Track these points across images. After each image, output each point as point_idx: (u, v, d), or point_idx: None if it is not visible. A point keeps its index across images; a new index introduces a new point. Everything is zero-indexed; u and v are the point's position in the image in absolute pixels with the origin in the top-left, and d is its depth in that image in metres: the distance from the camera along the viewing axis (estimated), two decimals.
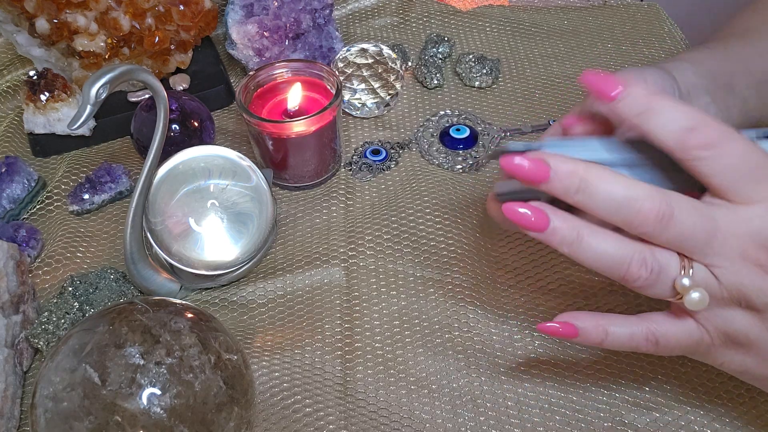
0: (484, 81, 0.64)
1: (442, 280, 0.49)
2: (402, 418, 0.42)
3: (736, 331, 0.33)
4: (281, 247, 0.52)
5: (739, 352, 0.34)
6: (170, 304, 0.39)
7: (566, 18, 0.72)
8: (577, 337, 0.35)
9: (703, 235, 0.31)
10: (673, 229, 0.31)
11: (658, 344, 0.35)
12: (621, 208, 0.31)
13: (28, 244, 0.51)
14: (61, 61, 0.61)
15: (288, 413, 0.42)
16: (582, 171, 0.31)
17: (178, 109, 0.55)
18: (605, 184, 0.31)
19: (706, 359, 0.36)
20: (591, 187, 0.31)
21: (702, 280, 0.32)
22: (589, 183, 0.31)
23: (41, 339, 0.44)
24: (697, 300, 0.32)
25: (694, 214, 0.31)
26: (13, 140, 0.62)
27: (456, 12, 0.73)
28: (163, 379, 0.34)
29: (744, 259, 0.31)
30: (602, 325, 0.35)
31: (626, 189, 0.31)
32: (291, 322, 0.48)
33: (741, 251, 0.31)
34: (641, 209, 0.31)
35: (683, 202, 0.31)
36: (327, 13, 0.64)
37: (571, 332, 0.35)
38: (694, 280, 0.32)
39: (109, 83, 0.41)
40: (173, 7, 0.59)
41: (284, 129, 0.52)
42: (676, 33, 0.70)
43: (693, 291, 0.32)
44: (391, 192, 0.56)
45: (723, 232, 0.31)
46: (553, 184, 0.32)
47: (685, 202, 0.31)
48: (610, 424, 0.41)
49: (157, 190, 0.47)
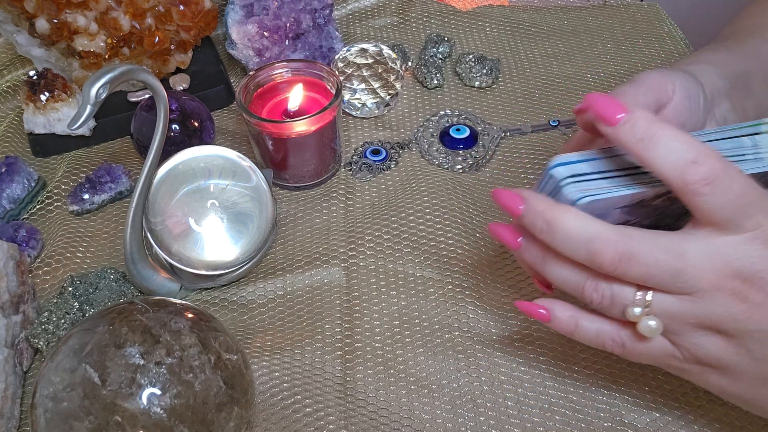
0: (484, 81, 0.64)
1: (442, 280, 0.49)
2: (402, 418, 0.42)
3: (708, 355, 0.33)
4: (281, 247, 0.52)
5: (714, 373, 0.34)
6: (170, 304, 0.39)
7: (566, 18, 0.72)
8: (549, 322, 0.37)
9: (668, 274, 0.31)
10: (634, 269, 0.32)
11: (624, 348, 0.35)
12: (580, 248, 0.32)
13: (28, 244, 0.51)
14: (61, 61, 0.61)
15: (288, 413, 0.42)
16: (548, 213, 0.33)
17: (178, 109, 0.55)
18: (566, 224, 0.32)
19: (682, 376, 0.36)
20: (553, 228, 0.33)
21: (664, 306, 0.32)
22: (552, 223, 0.33)
23: (41, 339, 0.44)
24: (652, 328, 0.33)
25: (658, 251, 0.31)
26: (13, 140, 0.62)
27: (456, 12, 0.73)
28: (163, 379, 0.34)
29: (717, 289, 0.31)
30: (575, 318, 0.36)
31: (584, 230, 0.32)
32: (291, 322, 0.48)
33: (714, 282, 0.31)
34: (598, 250, 0.32)
35: (647, 242, 0.31)
36: (327, 13, 0.64)
37: (545, 317, 0.36)
38: (651, 308, 0.32)
39: (109, 83, 0.41)
40: (173, 7, 0.59)
41: (284, 129, 0.52)
42: (676, 33, 0.70)
43: (647, 319, 0.33)
44: (391, 192, 0.56)
45: (693, 267, 0.31)
46: (522, 220, 0.34)
47: (650, 242, 0.31)
48: (610, 424, 0.41)
49: (157, 190, 0.47)
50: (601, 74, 0.66)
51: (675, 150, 0.30)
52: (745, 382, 0.33)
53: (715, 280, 0.31)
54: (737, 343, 0.32)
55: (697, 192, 0.30)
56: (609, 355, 0.44)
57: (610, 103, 0.32)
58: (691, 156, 0.30)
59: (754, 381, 0.33)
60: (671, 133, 0.31)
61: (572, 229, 0.32)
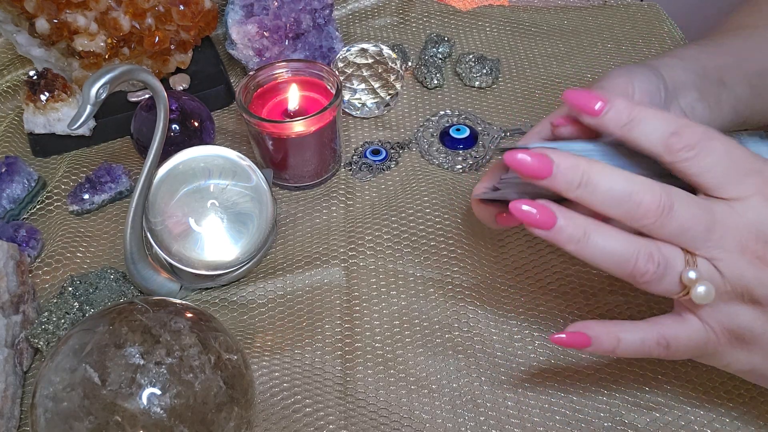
0: (484, 81, 0.64)
1: (442, 280, 0.49)
2: (402, 418, 0.42)
3: (740, 326, 0.33)
4: (281, 247, 0.52)
5: (744, 349, 0.34)
6: (170, 304, 0.39)
7: (566, 18, 0.72)
8: (589, 347, 0.35)
9: (703, 226, 0.32)
10: (674, 222, 0.32)
11: (669, 347, 0.35)
12: (622, 201, 0.32)
13: (28, 244, 0.51)
14: (61, 61, 0.61)
15: (288, 413, 0.42)
16: (584, 165, 0.32)
17: (178, 109, 0.55)
18: (606, 178, 0.32)
19: (713, 360, 0.36)
20: (593, 182, 0.32)
21: (706, 274, 0.32)
22: (591, 177, 0.32)
23: (41, 339, 0.44)
24: (704, 293, 0.32)
25: (693, 205, 0.32)
26: (13, 140, 0.62)
27: (456, 12, 0.73)
28: (163, 379, 0.34)
29: (743, 251, 0.32)
30: (614, 332, 0.35)
31: (627, 183, 0.32)
32: (291, 322, 0.48)
33: (740, 244, 0.32)
34: (642, 202, 0.32)
35: (682, 195, 0.32)
36: (327, 13, 0.64)
37: (584, 342, 0.35)
38: (699, 273, 0.32)
39: (109, 83, 0.41)
40: (173, 7, 0.59)
41: (284, 129, 0.52)
42: (676, 33, 0.70)
43: (699, 284, 0.32)
44: (391, 192, 0.56)
45: (721, 224, 0.32)
46: (556, 179, 0.32)
47: (684, 195, 0.32)
48: (610, 424, 0.41)
49: (157, 190, 0.47)
50: (601, 74, 0.66)
51: (657, 126, 0.32)
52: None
53: (740, 240, 0.32)
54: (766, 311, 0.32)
55: (683, 158, 0.32)
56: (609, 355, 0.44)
57: (587, 96, 0.34)
58: (672, 128, 0.32)
59: None
60: (651, 112, 0.33)
61: (615, 181, 0.32)
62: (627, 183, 0.32)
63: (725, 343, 0.34)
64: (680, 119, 0.33)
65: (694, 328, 0.34)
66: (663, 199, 0.32)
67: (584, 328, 0.35)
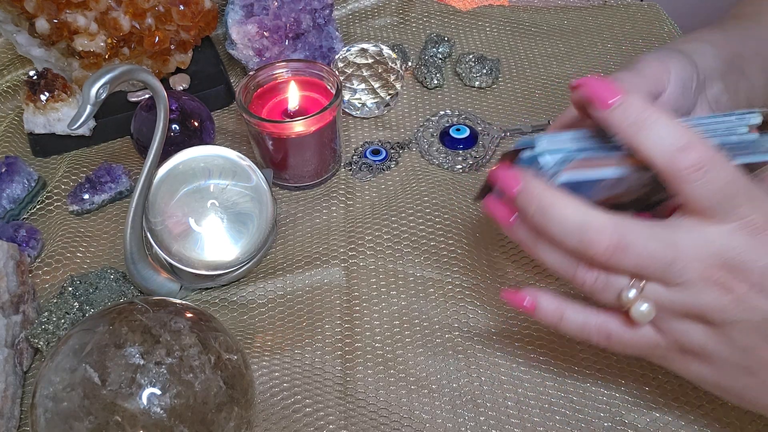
0: (484, 81, 0.64)
1: (442, 280, 0.49)
2: (402, 418, 0.42)
3: (692, 342, 0.33)
4: (281, 247, 0.52)
5: (695, 361, 0.34)
6: (170, 304, 0.39)
7: (566, 18, 0.72)
8: (533, 313, 0.36)
9: (661, 263, 0.31)
10: (627, 260, 0.31)
11: (610, 339, 0.35)
12: (572, 235, 0.32)
13: (28, 244, 0.51)
14: (61, 61, 0.61)
15: (288, 413, 0.42)
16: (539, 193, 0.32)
17: (178, 109, 0.55)
18: (559, 210, 0.32)
19: (662, 364, 0.36)
20: (547, 213, 0.32)
21: (653, 294, 0.32)
22: (545, 210, 0.32)
23: (41, 339, 0.44)
24: (645, 312, 0.32)
25: (653, 242, 0.31)
26: (13, 140, 0.62)
27: (456, 12, 0.73)
28: (163, 379, 0.34)
29: (705, 279, 0.31)
30: (560, 308, 0.36)
31: (580, 217, 0.32)
32: (291, 322, 0.48)
33: (702, 273, 0.31)
34: (591, 240, 0.32)
35: (641, 232, 0.31)
36: (327, 13, 0.64)
37: (530, 308, 0.36)
38: (643, 293, 0.32)
39: (109, 83, 0.41)
40: (173, 7, 0.59)
41: (284, 129, 0.52)
42: (676, 33, 0.70)
43: (640, 303, 0.32)
44: (391, 192, 0.56)
45: (684, 257, 0.31)
46: (517, 200, 0.34)
47: (643, 232, 0.31)
48: (610, 424, 0.41)
49: (157, 190, 0.47)
50: (601, 74, 0.66)
51: (665, 136, 0.30)
52: (726, 371, 0.34)
53: (703, 270, 0.31)
54: (721, 332, 0.32)
55: (685, 179, 0.30)
56: (609, 355, 0.44)
57: (605, 86, 0.32)
58: (682, 143, 0.30)
59: (734, 370, 0.33)
60: (662, 119, 0.31)
61: (566, 216, 0.32)
62: (580, 218, 0.32)
63: (676, 352, 0.34)
64: (692, 134, 0.30)
65: (642, 333, 0.34)
66: (614, 240, 0.31)
67: (534, 295, 0.36)
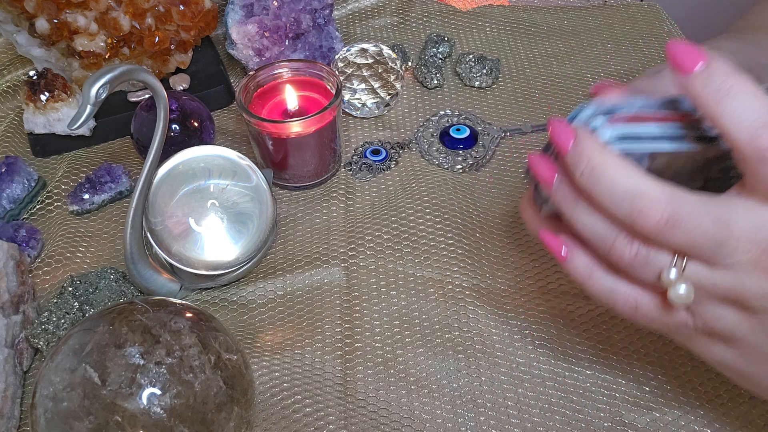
0: (484, 81, 0.64)
1: (442, 280, 0.49)
2: (402, 418, 0.42)
3: (724, 327, 0.32)
4: (281, 247, 0.52)
5: (719, 344, 0.33)
6: (170, 304, 0.39)
7: (566, 18, 0.72)
8: (564, 263, 0.34)
9: (712, 244, 0.29)
10: (677, 237, 0.29)
11: (637, 311, 0.33)
12: (622, 202, 0.30)
13: (28, 244, 0.51)
14: (61, 61, 0.61)
15: (288, 413, 0.42)
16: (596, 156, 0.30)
17: (178, 109, 0.55)
18: (610, 172, 0.30)
19: (683, 343, 0.35)
20: (597, 174, 0.30)
21: (694, 275, 0.30)
22: (596, 170, 0.30)
23: (41, 339, 0.44)
24: (683, 295, 0.31)
25: (706, 222, 0.29)
26: (13, 140, 0.62)
27: (456, 12, 0.73)
28: (163, 379, 0.34)
29: (755, 265, 0.29)
30: (591, 267, 0.34)
31: (633, 184, 0.29)
32: (291, 322, 0.48)
33: (753, 257, 0.29)
34: (643, 210, 0.29)
35: (696, 208, 0.29)
36: (327, 13, 0.64)
37: (562, 257, 0.34)
38: (684, 273, 0.30)
39: (109, 83, 0.41)
40: (173, 7, 0.59)
41: (284, 129, 0.52)
42: (676, 33, 0.70)
43: (680, 285, 0.30)
44: (391, 192, 0.56)
45: (737, 238, 0.29)
46: (567, 159, 0.31)
47: (699, 209, 0.29)
48: (610, 424, 0.41)
49: (157, 190, 0.47)
50: (601, 74, 0.66)
51: (751, 109, 0.27)
52: (750, 358, 0.32)
53: (755, 254, 0.29)
54: (757, 320, 0.31)
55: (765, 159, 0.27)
56: (609, 355, 0.44)
57: (689, 50, 0.29)
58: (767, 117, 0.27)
59: (761, 358, 0.32)
60: (751, 89, 0.28)
61: (619, 180, 0.29)
62: (633, 184, 0.29)
63: (702, 333, 0.33)
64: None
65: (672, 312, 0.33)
66: (667, 213, 0.29)
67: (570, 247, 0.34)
